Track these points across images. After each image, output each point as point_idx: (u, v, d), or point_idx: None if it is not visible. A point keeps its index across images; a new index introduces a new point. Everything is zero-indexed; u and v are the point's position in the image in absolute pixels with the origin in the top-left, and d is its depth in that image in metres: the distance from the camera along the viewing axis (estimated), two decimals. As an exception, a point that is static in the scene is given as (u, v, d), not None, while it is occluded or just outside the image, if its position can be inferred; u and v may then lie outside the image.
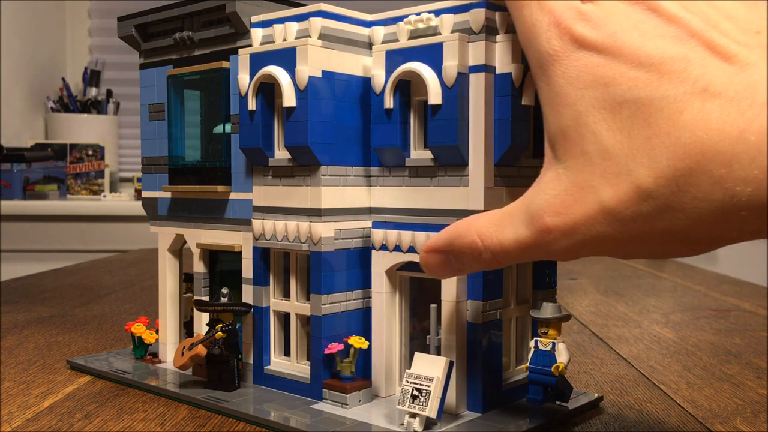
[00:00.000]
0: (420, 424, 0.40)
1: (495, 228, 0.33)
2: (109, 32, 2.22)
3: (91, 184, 2.11)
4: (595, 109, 0.29)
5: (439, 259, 0.36)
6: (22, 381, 0.53)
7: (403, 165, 0.46)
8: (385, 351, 0.47)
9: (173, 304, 0.57)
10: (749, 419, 0.45)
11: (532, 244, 0.31)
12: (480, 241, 0.34)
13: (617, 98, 0.28)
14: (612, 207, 0.28)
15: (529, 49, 0.32)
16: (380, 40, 0.47)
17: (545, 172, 0.31)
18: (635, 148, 0.28)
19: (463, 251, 0.35)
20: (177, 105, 0.55)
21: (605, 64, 0.29)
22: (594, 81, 0.29)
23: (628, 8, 0.29)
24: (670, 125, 0.27)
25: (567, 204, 0.30)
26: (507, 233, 0.32)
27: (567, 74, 0.30)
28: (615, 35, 0.29)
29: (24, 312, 0.82)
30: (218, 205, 0.52)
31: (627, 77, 0.28)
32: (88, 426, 0.43)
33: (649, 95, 0.28)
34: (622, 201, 0.28)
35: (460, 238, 0.35)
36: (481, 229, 0.34)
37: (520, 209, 0.32)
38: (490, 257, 0.34)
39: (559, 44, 0.30)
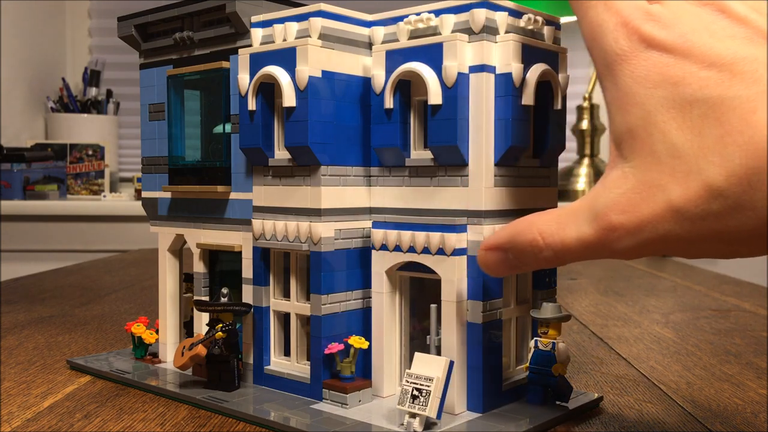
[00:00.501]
0: (420, 424, 0.40)
1: (557, 226, 0.33)
2: (109, 32, 2.22)
3: (91, 184, 2.11)
4: (665, 108, 0.29)
5: (497, 257, 0.37)
6: (22, 381, 0.53)
7: (403, 165, 0.46)
8: (385, 351, 0.47)
9: (173, 304, 0.57)
10: (749, 419, 0.45)
11: (595, 243, 0.32)
12: (541, 238, 0.34)
13: (687, 97, 0.28)
14: (681, 205, 0.29)
15: (595, 49, 0.32)
16: (380, 40, 0.47)
17: (610, 171, 0.31)
18: (706, 147, 0.28)
19: (523, 249, 0.35)
20: (177, 105, 0.55)
21: (675, 64, 0.29)
22: (663, 80, 0.29)
23: (697, 9, 0.30)
24: (743, 124, 0.27)
25: (634, 202, 0.30)
26: (569, 231, 0.33)
27: (635, 74, 0.30)
28: (685, 35, 0.29)
29: (24, 312, 0.82)
30: (218, 205, 0.52)
31: (697, 77, 0.28)
32: (88, 426, 0.43)
33: (721, 95, 0.28)
34: (691, 199, 0.28)
35: (521, 236, 0.35)
36: (543, 227, 0.34)
37: (584, 207, 0.32)
38: (551, 255, 0.34)
39: (627, 44, 0.30)
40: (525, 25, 0.45)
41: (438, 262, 0.43)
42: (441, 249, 0.43)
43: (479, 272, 0.43)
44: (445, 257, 0.43)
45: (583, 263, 1.31)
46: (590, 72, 2.10)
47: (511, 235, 0.36)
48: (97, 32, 2.28)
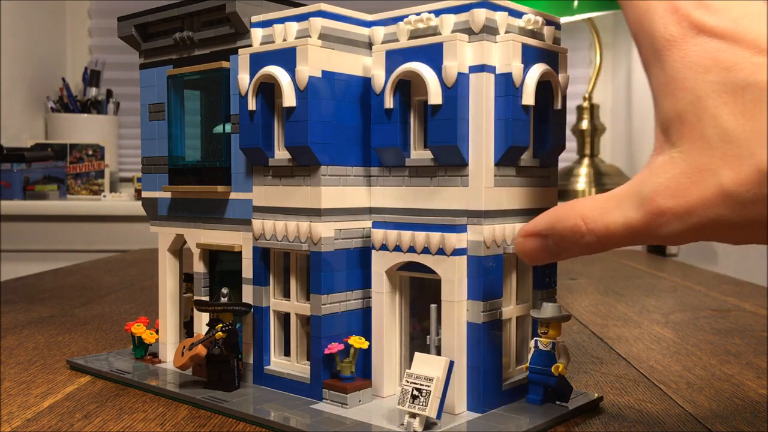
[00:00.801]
0: (420, 424, 0.40)
1: (600, 211, 0.33)
2: (109, 32, 2.22)
3: (91, 184, 2.11)
4: (716, 93, 0.29)
5: (537, 244, 0.36)
6: (22, 381, 0.53)
7: (403, 165, 0.46)
8: (385, 351, 0.47)
9: (173, 304, 0.57)
10: (749, 419, 0.45)
11: (642, 227, 0.31)
12: (584, 224, 0.34)
13: (739, 83, 0.28)
14: (732, 189, 0.28)
15: (642, 34, 0.32)
16: (380, 40, 0.47)
17: (656, 158, 0.31)
18: (758, 131, 0.28)
19: (564, 234, 0.35)
20: (177, 105, 0.55)
21: (726, 49, 0.29)
22: (715, 65, 0.29)
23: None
24: None
25: (683, 187, 0.30)
26: (614, 216, 0.32)
27: (686, 59, 0.30)
28: (737, 21, 0.29)
29: (24, 312, 0.82)
30: (218, 205, 0.52)
31: (749, 62, 0.28)
32: (88, 426, 0.43)
33: None
34: (743, 183, 0.28)
35: (562, 222, 0.35)
36: (586, 212, 0.34)
37: (629, 192, 0.32)
38: (594, 240, 0.34)
39: (677, 29, 0.30)
40: (525, 25, 0.45)
41: (438, 262, 0.43)
42: (441, 249, 0.43)
43: (479, 272, 0.43)
44: (445, 257, 0.43)
45: (584, 263, 1.31)
46: (590, 72, 2.10)
47: (551, 220, 0.35)
48: (97, 32, 2.28)
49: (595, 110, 1.92)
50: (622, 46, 2.14)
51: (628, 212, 0.32)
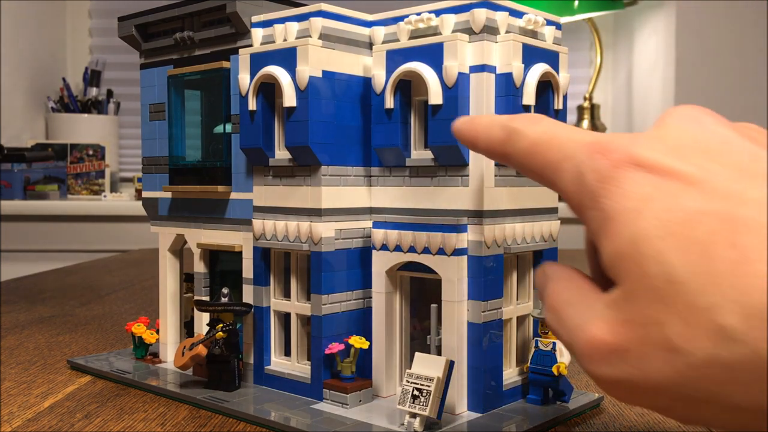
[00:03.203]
0: (420, 424, 0.40)
1: (563, 314, 0.29)
2: (109, 32, 2.22)
3: (91, 184, 2.11)
4: (661, 222, 0.24)
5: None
6: (22, 381, 0.53)
7: (403, 165, 0.46)
8: (386, 351, 0.47)
9: (174, 304, 0.57)
10: (750, 419, 0.45)
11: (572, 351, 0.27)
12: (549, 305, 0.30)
13: (689, 209, 0.23)
14: (680, 345, 0.23)
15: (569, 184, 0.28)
16: (381, 40, 0.47)
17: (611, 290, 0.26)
18: (716, 273, 0.22)
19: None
20: (177, 105, 0.55)
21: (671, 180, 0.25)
22: (658, 192, 0.25)
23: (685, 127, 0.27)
24: (765, 251, 0.22)
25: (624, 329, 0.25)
26: (570, 316, 0.28)
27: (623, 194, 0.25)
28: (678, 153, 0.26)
29: (24, 312, 0.82)
30: (219, 205, 0.52)
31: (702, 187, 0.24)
32: (89, 426, 0.43)
33: (732, 211, 0.23)
34: (694, 339, 0.22)
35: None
36: (549, 298, 0.30)
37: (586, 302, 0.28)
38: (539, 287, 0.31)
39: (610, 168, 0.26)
40: (525, 25, 0.45)
41: (438, 262, 0.43)
42: (441, 249, 0.43)
43: (480, 272, 0.43)
44: (445, 257, 0.43)
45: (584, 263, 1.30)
46: (590, 72, 2.10)
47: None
48: (98, 32, 2.28)
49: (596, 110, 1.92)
50: (622, 47, 2.14)
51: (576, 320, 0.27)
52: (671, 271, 0.23)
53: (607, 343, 0.25)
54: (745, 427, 0.24)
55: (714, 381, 0.23)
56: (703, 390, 0.23)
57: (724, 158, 0.25)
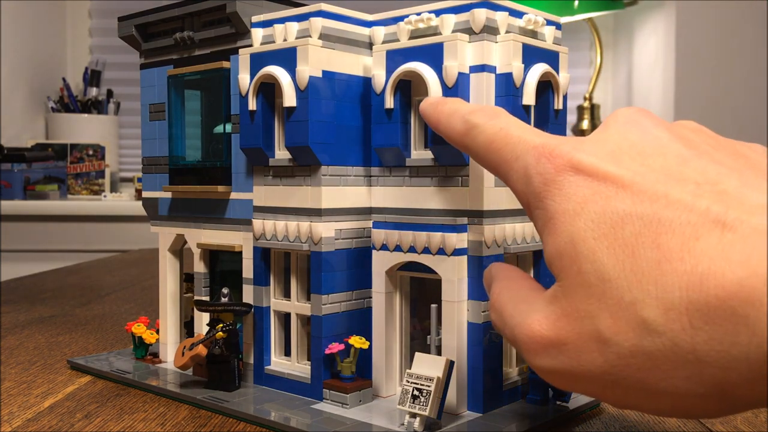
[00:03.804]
0: (420, 424, 0.40)
1: (509, 305, 0.31)
2: (109, 32, 2.22)
3: (91, 184, 2.11)
4: (595, 223, 0.26)
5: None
6: (22, 381, 0.54)
7: (403, 165, 0.46)
8: (386, 351, 0.47)
9: (174, 304, 0.57)
10: (749, 419, 0.45)
11: (517, 345, 0.30)
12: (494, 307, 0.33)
13: (620, 212, 0.26)
14: (609, 337, 0.25)
15: (518, 182, 0.31)
16: (381, 40, 0.47)
17: (552, 286, 0.29)
18: (641, 272, 0.24)
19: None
20: (177, 105, 0.55)
21: (605, 184, 0.27)
22: (593, 195, 0.27)
23: (624, 131, 0.29)
24: (684, 250, 0.24)
25: (561, 324, 0.27)
26: (519, 317, 0.30)
27: (564, 197, 0.28)
28: (615, 158, 0.28)
29: (24, 312, 0.82)
30: (219, 205, 0.52)
31: (630, 191, 0.26)
32: (89, 426, 0.43)
33: (657, 213, 0.25)
34: (621, 331, 0.25)
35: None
36: (495, 294, 0.33)
37: (527, 300, 0.30)
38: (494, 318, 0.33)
39: (553, 171, 0.29)
40: (525, 25, 0.45)
41: (438, 262, 0.43)
42: (441, 249, 0.43)
43: (480, 272, 0.43)
44: (445, 257, 0.43)
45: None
46: (590, 72, 2.10)
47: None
48: (98, 32, 2.28)
49: (596, 110, 1.92)
50: (622, 46, 2.15)
51: (516, 319, 0.30)
52: (602, 269, 0.26)
53: (546, 337, 0.28)
54: (672, 411, 0.26)
55: (639, 369, 0.25)
56: (630, 377, 0.25)
57: (656, 161, 0.27)
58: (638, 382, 0.25)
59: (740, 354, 0.22)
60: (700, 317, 0.23)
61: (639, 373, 0.25)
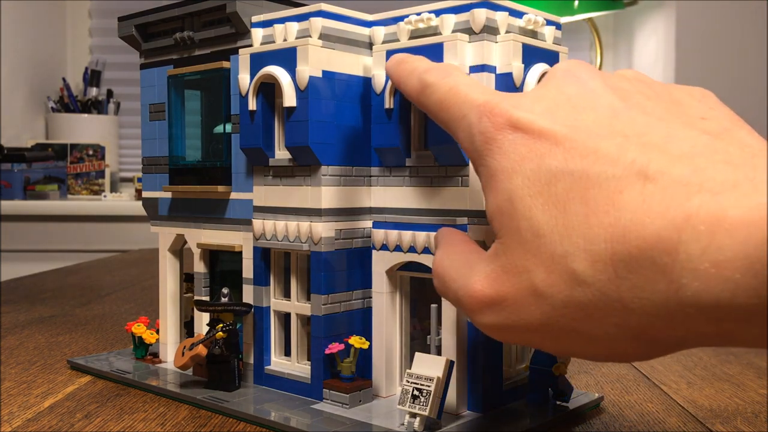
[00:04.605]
0: (420, 424, 0.40)
1: (456, 267, 0.32)
2: (109, 32, 2.23)
3: (91, 184, 2.11)
4: (531, 181, 0.27)
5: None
6: (22, 381, 0.54)
7: (403, 165, 0.46)
8: (386, 351, 0.47)
9: (174, 304, 0.57)
10: (750, 419, 0.45)
11: (462, 305, 0.31)
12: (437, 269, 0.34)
13: (553, 169, 0.27)
14: (543, 290, 0.26)
15: (464, 140, 0.32)
16: (381, 40, 0.47)
17: (492, 245, 0.30)
18: (571, 226, 0.26)
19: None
20: (177, 105, 0.55)
21: (539, 141, 0.28)
22: (528, 157, 0.28)
23: (563, 87, 0.30)
24: (609, 204, 0.25)
25: (501, 280, 0.28)
26: (463, 279, 0.31)
27: (503, 155, 0.29)
28: (550, 113, 0.29)
29: (24, 312, 0.82)
30: (219, 205, 0.52)
31: (563, 148, 0.27)
32: (89, 426, 0.43)
33: (585, 169, 0.26)
34: (554, 284, 0.26)
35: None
36: (446, 263, 0.34)
37: (469, 262, 0.31)
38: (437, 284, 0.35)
39: (492, 129, 0.30)
40: (525, 25, 0.45)
41: (438, 262, 0.43)
42: (441, 249, 0.43)
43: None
44: (445, 257, 0.43)
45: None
46: (590, 72, 2.09)
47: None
48: (98, 32, 2.28)
49: (596, 110, 1.92)
50: (622, 46, 2.15)
51: (458, 282, 0.31)
52: (537, 225, 0.27)
53: (488, 295, 0.29)
54: (607, 356, 0.27)
55: (573, 319, 0.26)
56: (566, 327, 0.26)
57: (588, 115, 0.28)
58: (573, 331, 0.26)
59: (660, 300, 0.23)
60: (624, 267, 0.24)
61: (573, 323, 0.26)
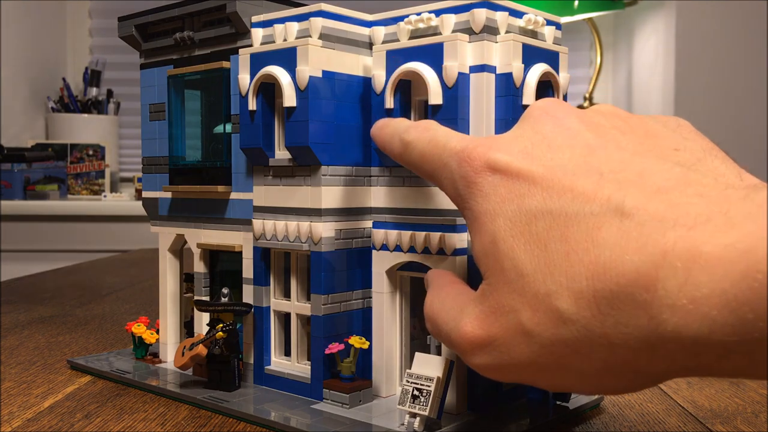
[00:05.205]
0: (420, 424, 0.40)
1: (446, 303, 0.33)
2: (109, 32, 2.23)
3: (91, 184, 2.11)
4: (512, 222, 0.28)
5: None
6: (22, 381, 0.54)
7: (403, 165, 0.46)
8: (386, 351, 0.47)
9: (174, 304, 0.57)
10: (750, 419, 0.45)
11: (455, 348, 0.31)
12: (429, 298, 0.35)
13: (532, 209, 0.27)
14: (531, 328, 0.27)
15: (448, 187, 0.33)
16: (380, 40, 0.47)
17: (480, 286, 0.31)
18: (553, 264, 0.26)
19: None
20: (177, 105, 0.55)
21: (518, 182, 0.29)
22: (508, 198, 0.29)
23: (539, 127, 0.30)
24: (588, 242, 0.25)
25: (490, 321, 0.29)
26: (452, 321, 0.32)
27: (484, 197, 0.30)
28: (527, 154, 0.29)
29: (24, 312, 0.82)
30: (219, 205, 0.52)
31: (541, 188, 0.28)
32: (89, 426, 0.43)
33: (564, 208, 0.27)
34: (540, 323, 0.26)
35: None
36: (431, 275, 0.36)
37: (461, 304, 0.32)
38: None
39: (472, 173, 0.30)
40: (525, 25, 0.45)
41: (439, 262, 0.43)
42: (442, 249, 0.43)
43: (480, 272, 0.43)
44: (445, 257, 0.43)
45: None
46: (590, 72, 2.10)
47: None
48: (98, 32, 2.28)
49: (596, 110, 1.92)
50: (622, 46, 2.15)
51: (450, 324, 0.31)
52: (520, 264, 0.27)
53: (478, 336, 0.29)
54: (598, 389, 0.28)
55: (561, 355, 0.26)
56: (555, 363, 0.27)
57: (564, 154, 0.28)
58: (563, 367, 0.27)
59: (642, 335, 0.24)
60: (606, 304, 0.24)
61: (562, 360, 0.26)
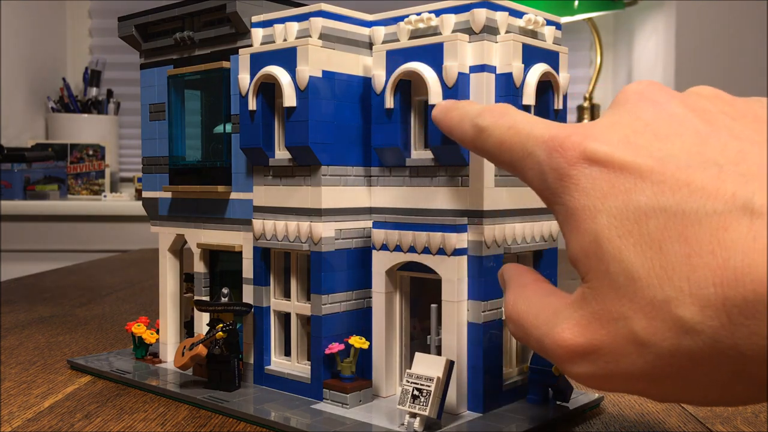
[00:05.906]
0: (420, 424, 0.40)
1: (535, 316, 0.29)
2: (109, 32, 2.22)
3: (91, 184, 2.11)
4: (617, 220, 0.25)
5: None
6: (22, 381, 0.54)
7: (403, 165, 0.46)
8: (386, 351, 0.47)
9: (174, 304, 0.57)
10: (750, 419, 0.45)
11: (551, 356, 0.28)
12: (513, 319, 0.31)
13: (642, 206, 0.24)
14: (646, 338, 0.24)
15: (533, 180, 0.29)
16: (381, 40, 0.47)
17: (577, 289, 0.27)
18: (670, 268, 0.23)
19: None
20: (177, 105, 0.55)
21: (622, 176, 0.25)
22: (612, 193, 0.25)
23: (638, 113, 0.27)
24: (714, 243, 0.22)
25: (594, 328, 0.26)
26: (544, 330, 0.28)
27: (581, 191, 0.26)
28: (630, 145, 0.26)
29: (24, 312, 0.82)
30: (219, 205, 0.52)
31: (650, 182, 0.24)
32: (89, 426, 0.43)
33: (680, 205, 0.23)
34: (658, 332, 0.23)
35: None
36: (522, 313, 0.31)
37: (554, 309, 0.28)
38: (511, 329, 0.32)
39: (566, 165, 0.27)
40: (525, 25, 0.45)
41: (438, 262, 0.43)
42: (441, 249, 0.43)
43: (480, 272, 0.43)
44: (445, 257, 0.43)
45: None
46: (590, 72, 2.10)
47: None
48: (98, 32, 2.28)
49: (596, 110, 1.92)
50: (622, 46, 2.15)
51: (542, 329, 0.28)
52: (630, 268, 0.24)
53: (580, 344, 0.26)
54: (719, 401, 0.25)
55: (681, 367, 0.24)
56: (673, 375, 0.24)
57: (674, 143, 0.25)
58: (681, 379, 0.24)
59: None
60: (739, 313, 0.22)
61: (681, 371, 0.24)
